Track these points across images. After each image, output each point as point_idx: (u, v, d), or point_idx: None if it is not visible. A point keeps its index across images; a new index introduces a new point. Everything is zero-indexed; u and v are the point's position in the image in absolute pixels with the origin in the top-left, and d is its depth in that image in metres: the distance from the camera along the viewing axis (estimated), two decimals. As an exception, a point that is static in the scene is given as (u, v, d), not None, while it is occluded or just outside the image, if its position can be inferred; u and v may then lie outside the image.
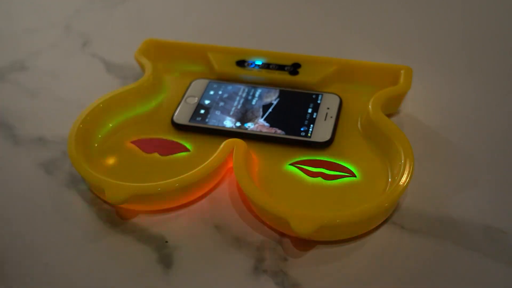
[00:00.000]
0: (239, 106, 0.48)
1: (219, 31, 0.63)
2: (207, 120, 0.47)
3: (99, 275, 0.38)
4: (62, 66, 0.59)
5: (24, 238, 0.41)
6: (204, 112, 0.48)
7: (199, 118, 0.47)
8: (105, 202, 0.42)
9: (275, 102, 0.49)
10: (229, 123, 0.47)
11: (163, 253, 0.39)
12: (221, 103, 0.49)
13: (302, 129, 0.46)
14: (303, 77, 0.50)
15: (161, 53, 0.54)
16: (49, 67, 0.58)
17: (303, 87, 0.50)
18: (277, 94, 0.50)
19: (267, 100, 0.49)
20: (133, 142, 0.46)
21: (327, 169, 0.43)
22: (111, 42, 0.62)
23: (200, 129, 0.47)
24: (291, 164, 0.44)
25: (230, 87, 0.51)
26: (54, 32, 0.64)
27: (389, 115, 0.47)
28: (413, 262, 0.38)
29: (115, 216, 0.42)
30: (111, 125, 0.48)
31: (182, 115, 0.48)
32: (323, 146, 0.45)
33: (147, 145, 0.46)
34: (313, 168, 0.43)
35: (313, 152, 0.45)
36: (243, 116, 0.47)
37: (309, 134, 0.45)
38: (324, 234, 0.39)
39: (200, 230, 0.41)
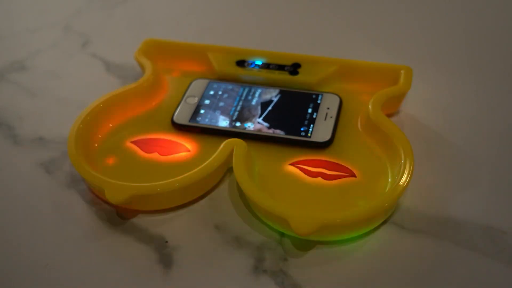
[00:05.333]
0: (239, 106, 0.48)
1: (219, 31, 0.63)
2: (207, 120, 0.47)
3: (99, 275, 0.38)
4: (62, 66, 0.59)
5: (24, 238, 0.41)
6: (204, 112, 0.48)
7: (199, 118, 0.47)
8: (105, 202, 0.42)
9: (275, 102, 0.49)
10: (229, 123, 0.47)
11: (163, 253, 0.39)
12: (221, 103, 0.49)
13: (302, 129, 0.46)
14: (303, 77, 0.50)
15: (161, 53, 0.54)
16: (49, 67, 0.58)
17: (303, 87, 0.50)
18: (277, 94, 0.50)
19: (267, 100, 0.49)
20: (133, 142, 0.46)
21: (327, 169, 0.43)
22: (111, 42, 0.62)
23: (200, 129, 0.47)
24: (291, 164, 0.44)
25: (230, 87, 0.51)
26: (54, 32, 0.64)
27: (389, 115, 0.47)
28: (413, 262, 0.38)
29: (115, 216, 0.42)
30: (111, 125, 0.48)
31: (182, 115, 0.48)
32: (323, 146, 0.45)
33: (147, 145, 0.46)
34: (313, 168, 0.43)
35: (313, 152, 0.45)
36: (243, 116, 0.47)
37: (309, 134, 0.45)
38: (324, 234, 0.39)
39: (200, 230, 0.41)
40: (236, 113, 0.48)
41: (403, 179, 0.39)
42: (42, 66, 0.59)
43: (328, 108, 0.48)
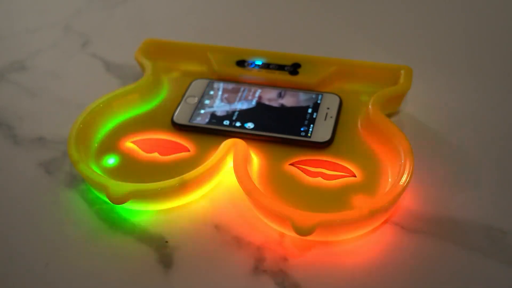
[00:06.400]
0: (239, 106, 0.48)
1: (219, 31, 0.63)
2: (207, 120, 0.47)
3: (99, 275, 0.38)
4: (62, 66, 0.59)
5: (24, 238, 0.41)
6: (204, 112, 0.48)
7: (199, 118, 0.47)
8: (105, 202, 0.42)
9: (275, 102, 0.49)
10: (229, 123, 0.47)
11: (163, 253, 0.39)
12: (221, 103, 0.49)
13: (302, 129, 0.46)
14: (303, 77, 0.50)
15: (161, 53, 0.54)
16: (49, 67, 0.58)
17: (303, 87, 0.50)
18: (277, 94, 0.50)
19: (267, 100, 0.49)
20: (133, 142, 0.46)
21: (327, 169, 0.43)
22: (111, 42, 0.62)
23: (200, 129, 0.47)
24: (291, 164, 0.44)
25: (230, 87, 0.51)
26: (54, 32, 0.64)
27: (389, 115, 0.47)
28: (413, 262, 0.38)
29: (115, 216, 0.42)
30: (111, 125, 0.48)
31: (182, 115, 0.48)
32: (323, 146, 0.45)
33: (147, 145, 0.46)
34: (313, 168, 0.43)
35: (313, 152, 0.45)
36: (243, 116, 0.47)
37: (309, 134, 0.45)
38: (324, 234, 0.39)
39: (200, 230, 0.41)
40: (236, 113, 0.48)
41: (403, 179, 0.39)
42: (42, 66, 0.59)
43: (328, 108, 0.48)
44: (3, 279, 0.38)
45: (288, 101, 0.49)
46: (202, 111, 0.48)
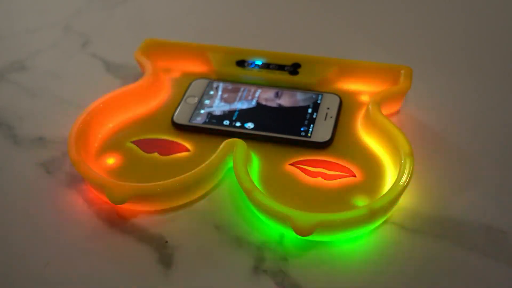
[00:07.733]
0: (239, 106, 0.48)
1: (219, 31, 0.63)
2: (207, 120, 0.47)
3: (99, 275, 0.38)
4: (62, 66, 0.59)
5: (24, 238, 0.41)
6: (204, 112, 0.48)
7: (199, 118, 0.47)
8: (105, 202, 0.42)
9: (275, 102, 0.49)
10: (229, 123, 0.47)
11: (163, 253, 0.39)
12: (221, 103, 0.49)
13: (302, 129, 0.46)
14: (303, 77, 0.50)
15: (161, 53, 0.54)
16: (49, 67, 0.58)
17: (303, 87, 0.50)
18: (277, 94, 0.50)
19: (267, 100, 0.49)
20: (133, 142, 0.46)
21: (327, 169, 0.43)
22: (111, 42, 0.62)
23: (200, 129, 0.47)
24: (291, 164, 0.44)
25: (230, 87, 0.51)
26: (54, 32, 0.64)
27: (389, 115, 0.47)
28: (413, 262, 0.38)
29: (115, 216, 0.42)
30: (111, 125, 0.48)
31: (182, 115, 0.48)
32: (323, 146, 0.45)
33: (147, 145, 0.46)
34: (313, 168, 0.43)
35: (313, 152, 0.45)
36: (243, 116, 0.47)
37: (309, 134, 0.45)
38: (324, 234, 0.39)
39: (200, 230, 0.41)
40: (236, 113, 0.48)
41: (403, 179, 0.39)
42: (42, 66, 0.59)
43: (328, 108, 0.48)
44: (3, 279, 0.38)
45: (288, 101, 0.49)
46: (202, 111, 0.48)
